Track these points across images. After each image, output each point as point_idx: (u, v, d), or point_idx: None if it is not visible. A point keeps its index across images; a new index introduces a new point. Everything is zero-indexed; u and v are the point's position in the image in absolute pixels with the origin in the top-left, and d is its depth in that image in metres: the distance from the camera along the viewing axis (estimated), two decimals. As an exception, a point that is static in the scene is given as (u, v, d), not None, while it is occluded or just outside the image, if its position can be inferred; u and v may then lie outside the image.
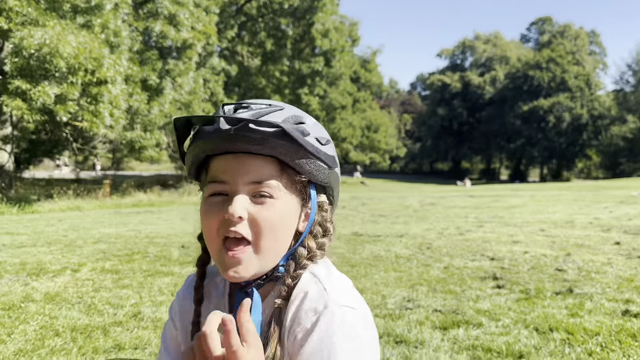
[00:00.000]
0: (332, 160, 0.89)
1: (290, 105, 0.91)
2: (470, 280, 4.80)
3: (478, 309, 3.82)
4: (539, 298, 4.13)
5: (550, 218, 10.04)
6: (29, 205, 14.80)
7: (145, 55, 18.61)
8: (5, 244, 7.46)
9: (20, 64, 12.78)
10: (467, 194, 20.64)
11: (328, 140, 0.89)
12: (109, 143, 25.10)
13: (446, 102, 56.77)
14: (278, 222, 0.84)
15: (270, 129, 0.82)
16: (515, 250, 6.35)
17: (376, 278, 4.99)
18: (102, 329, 3.53)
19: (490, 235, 7.72)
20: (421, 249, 6.66)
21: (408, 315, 3.71)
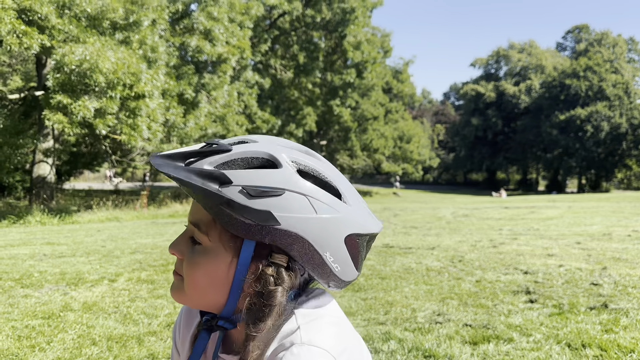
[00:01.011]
0: (263, 216, 0.76)
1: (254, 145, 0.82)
2: (502, 294, 4.74)
3: (509, 324, 3.78)
4: (572, 313, 4.06)
5: (587, 230, 9.80)
6: (69, 216, 15.29)
7: (182, 69, 19.07)
8: (46, 254, 7.73)
9: (61, 79, 13.27)
10: (501, 205, 20.30)
11: (270, 192, 0.77)
12: (147, 155, 25.72)
13: (480, 112, 56.07)
14: (199, 272, 0.83)
15: (180, 176, 0.78)
16: (549, 264, 6.23)
17: (406, 291, 4.97)
18: (137, 338, 3.63)
19: (525, 248, 7.59)
20: (453, 261, 6.60)
21: (438, 330, 3.70)
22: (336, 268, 0.82)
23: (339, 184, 0.84)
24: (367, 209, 0.88)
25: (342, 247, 0.81)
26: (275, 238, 0.78)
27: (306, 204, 0.78)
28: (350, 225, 0.81)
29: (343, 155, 39.26)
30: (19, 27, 12.47)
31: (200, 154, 0.81)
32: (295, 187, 0.78)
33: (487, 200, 29.46)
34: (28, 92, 17.35)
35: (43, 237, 10.43)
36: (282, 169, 0.79)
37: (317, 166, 0.84)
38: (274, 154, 0.80)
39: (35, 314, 4.24)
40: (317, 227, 0.79)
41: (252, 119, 25.04)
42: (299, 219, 0.78)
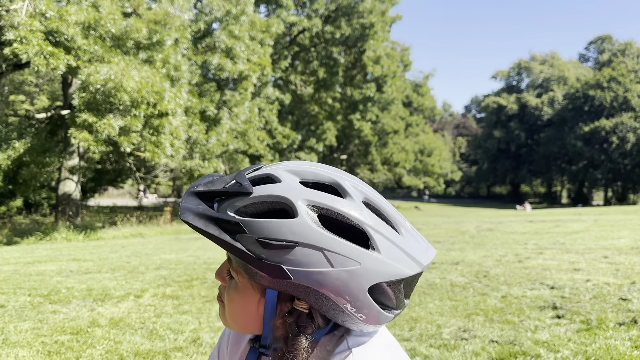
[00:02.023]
0: (274, 270, 0.76)
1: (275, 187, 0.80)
2: (528, 310, 4.67)
3: (536, 340, 3.72)
4: (600, 329, 3.98)
5: (614, 244, 9.60)
6: (94, 232, 15.54)
7: (204, 87, 19.37)
8: (72, 270, 7.86)
9: (87, 98, 13.59)
10: (526, 219, 20.02)
11: (284, 245, 0.75)
12: (170, 172, 26.11)
13: (502, 124, 55.61)
14: (233, 302, 0.87)
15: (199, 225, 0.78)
16: (576, 279, 6.12)
17: (431, 307, 4.93)
18: (164, 354, 3.67)
19: (551, 263, 7.47)
20: (478, 276, 6.53)
21: (463, 346, 3.66)
22: (360, 317, 0.79)
23: (370, 226, 0.78)
24: (410, 244, 0.82)
25: (365, 298, 0.77)
26: (289, 289, 0.78)
27: (321, 258, 0.75)
28: (375, 274, 0.77)
29: (364, 170, 39.22)
30: (46, 49, 12.83)
31: (225, 194, 0.82)
32: (309, 240, 0.75)
33: (511, 213, 29.09)
34: (54, 111, 17.80)
35: (69, 253, 10.61)
36: (298, 219, 0.75)
37: (341, 207, 0.78)
38: (292, 200, 0.77)
39: (64, 330, 4.31)
40: (334, 280, 0.76)
41: (272, 134, 25.25)
42: (312, 272, 0.75)
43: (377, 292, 0.78)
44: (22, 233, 15.16)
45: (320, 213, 0.77)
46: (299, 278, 0.75)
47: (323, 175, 0.83)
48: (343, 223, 0.77)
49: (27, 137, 15.94)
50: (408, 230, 0.83)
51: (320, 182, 0.82)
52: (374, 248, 0.76)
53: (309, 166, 0.85)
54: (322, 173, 0.83)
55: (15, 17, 12.98)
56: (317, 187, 0.81)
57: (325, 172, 0.84)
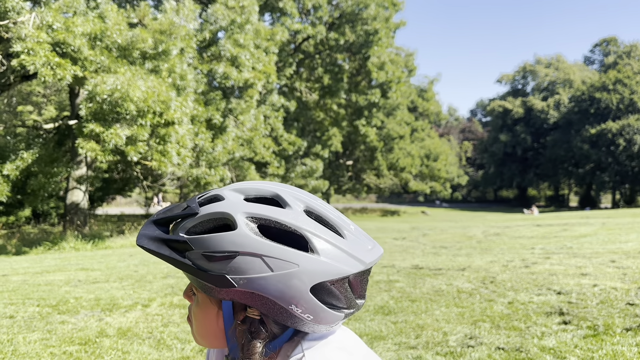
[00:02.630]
0: (219, 280, 0.81)
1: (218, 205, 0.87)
2: (535, 316, 4.66)
3: (543, 347, 3.72)
4: (607, 335, 3.97)
5: (621, 248, 9.56)
6: (102, 242, 15.62)
7: (210, 95, 19.47)
8: (81, 279, 7.91)
9: (94, 108, 13.67)
10: (533, 223, 19.94)
11: (227, 256, 0.81)
12: (177, 180, 26.21)
13: (508, 128, 55.45)
14: (195, 319, 0.93)
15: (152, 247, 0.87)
16: (583, 284, 6.11)
17: (437, 314, 4.94)
18: (171, 364, 3.69)
19: (558, 268, 7.45)
20: (484, 282, 6.52)
21: (470, 353, 3.66)
22: (308, 318, 0.84)
23: (306, 229, 0.83)
24: (352, 245, 0.86)
25: (309, 298, 0.81)
26: (236, 297, 0.83)
27: (260, 264, 0.80)
28: (315, 274, 0.81)
29: (370, 175, 39.21)
30: (53, 60, 12.95)
31: (177, 218, 0.89)
32: (249, 248, 0.80)
33: (518, 217, 28.97)
34: (62, 122, 17.93)
35: (77, 262, 10.68)
36: (237, 231, 0.81)
37: (280, 216, 0.84)
38: (232, 214, 0.83)
39: (72, 340, 4.34)
40: (275, 283, 0.80)
41: (278, 141, 25.31)
42: (254, 278, 0.80)
43: (321, 292, 0.82)
44: (31, 243, 15.27)
45: (260, 223, 0.83)
46: (243, 285, 0.81)
47: (265, 190, 0.90)
48: (282, 230, 0.83)
49: (35, 148, 16.07)
50: (352, 232, 0.88)
51: (263, 196, 0.89)
52: (312, 250, 0.81)
53: (254, 184, 0.92)
54: (264, 188, 0.91)
55: (23, 29, 13.12)
56: (260, 201, 0.88)
57: (268, 187, 0.91)
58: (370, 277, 7.08)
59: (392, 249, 11.38)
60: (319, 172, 28.25)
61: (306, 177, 27.91)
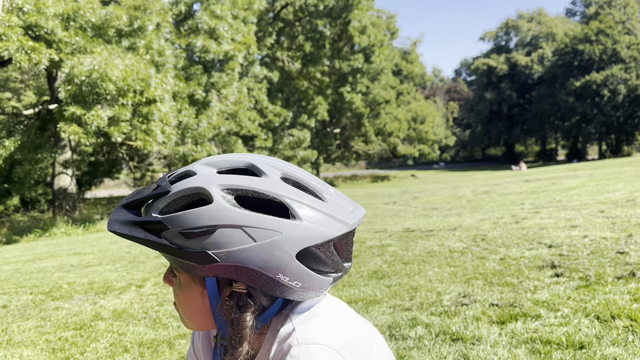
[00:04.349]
0: (201, 257, 0.79)
1: (190, 181, 0.84)
2: (527, 271, 4.70)
3: (536, 300, 3.75)
4: (599, 284, 4.01)
5: (610, 198, 9.65)
6: (93, 225, 15.54)
7: (190, 70, 19.14)
8: (73, 264, 7.87)
9: (73, 91, 13.40)
10: (522, 179, 20.08)
11: (205, 231, 0.78)
12: (164, 159, 26.00)
13: (494, 86, 55.34)
14: (181, 299, 0.90)
15: (125, 231, 0.83)
16: (573, 235, 6.16)
17: (430, 275, 4.96)
18: (168, 342, 3.69)
19: (548, 222, 7.51)
20: (476, 241, 6.56)
21: (464, 312, 3.69)
22: (297, 285, 0.82)
23: (285, 196, 0.82)
24: (333, 207, 0.84)
25: (295, 265, 0.80)
26: (220, 272, 0.81)
27: (242, 235, 0.78)
28: (299, 240, 0.79)
29: (358, 142, 39.15)
30: (27, 44, 12.60)
31: (148, 199, 0.86)
32: (228, 221, 0.78)
33: (507, 174, 29.17)
34: (42, 107, 17.60)
35: (69, 247, 10.62)
36: (214, 204, 0.79)
37: (256, 185, 0.82)
38: (206, 188, 0.81)
39: (67, 326, 4.32)
40: (259, 254, 0.78)
41: (263, 113, 25.07)
42: (237, 251, 0.78)
43: (307, 257, 0.81)
44: (21, 231, 15.13)
45: (237, 194, 0.80)
46: (226, 259, 0.79)
47: (238, 161, 0.88)
48: (260, 199, 0.81)
49: (17, 135, 15.77)
50: (332, 196, 0.87)
51: (236, 168, 0.87)
52: (294, 216, 0.79)
53: (226, 156, 0.90)
54: (238, 159, 0.88)
55: (-8, 14, 12.72)
56: (235, 173, 0.85)
57: (241, 157, 0.89)
58: (363, 242, 7.10)
59: (384, 214, 11.42)
60: (306, 142, 28.12)
61: (294, 148, 27.78)
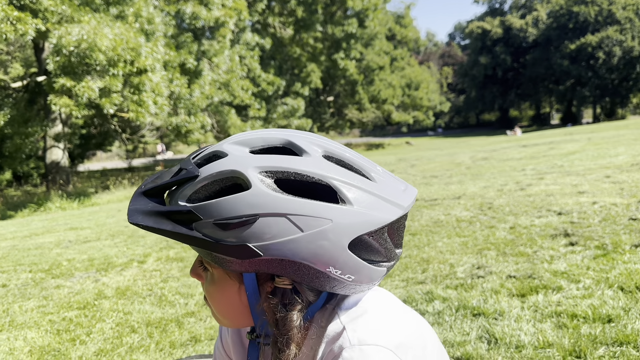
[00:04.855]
0: (241, 251, 0.70)
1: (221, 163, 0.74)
2: (540, 240, 4.60)
3: (554, 271, 3.65)
4: (617, 253, 3.91)
5: (613, 162, 9.55)
6: (88, 199, 15.34)
7: (180, 38, 18.68)
8: (71, 240, 7.73)
9: (61, 62, 13.04)
10: (519, 144, 19.98)
11: (244, 221, 0.68)
12: (156, 130, 25.62)
13: (488, 50, 54.68)
14: (213, 298, 0.82)
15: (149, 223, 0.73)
16: (582, 202, 6.06)
17: (440, 245, 4.85)
18: (176, 321, 3.57)
19: (553, 188, 7.40)
20: (482, 209, 6.45)
21: (481, 284, 3.58)
22: (349, 279, 0.73)
23: (332, 177, 0.72)
24: (384, 188, 0.75)
25: (347, 256, 0.71)
26: (261, 267, 0.72)
27: (287, 225, 0.69)
28: (352, 228, 0.70)
29: (352, 110, 38.76)
30: (12, 14, 12.16)
31: (173, 185, 0.76)
32: (269, 209, 0.68)
33: (503, 140, 29.07)
34: (30, 79, 17.17)
35: (65, 222, 10.46)
36: (252, 190, 0.69)
37: (298, 165, 0.71)
38: (241, 171, 0.71)
39: (70, 305, 4.20)
40: (307, 245, 0.69)
41: (256, 82, 24.63)
42: (282, 243, 0.69)
43: (359, 247, 0.72)
44: (16, 206, 14.90)
45: (277, 177, 0.71)
46: (269, 253, 0.70)
47: (273, 138, 0.77)
48: (304, 182, 0.71)
49: (5, 109, 15.41)
50: (380, 175, 0.78)
51: (272, 146, 0.76)
52: (344, 201, 0.71)
53: (258, 133, 0.79)
54: (272, 136, 0.77)
55: (-27, -18, 12.22)
56: (270, 152, 0.76)
57: (276, 134, 0.78)
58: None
59: (383, 182, 11.26)
60: (300, 111, 27.78)
61: (288, 117, 27.45)
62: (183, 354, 2.96)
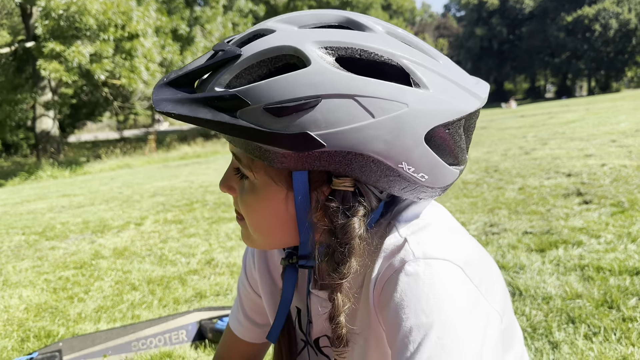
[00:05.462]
0: (298, 141, 0.57)
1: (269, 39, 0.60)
2: (552, 199, 4.46)
3: (572, 227, 3.51)
4: (635, 210, 3.78)
5: (616, 129, 9.41)
6: (80, 167, 15.09)
7: (172, 4, 18.21)
8: (64, 205, 7.54)
9: (50, 25, 12.66)
10: (516, 115, 19.83)
11: (303, 104, 0.56)
12: (147, 100, 25.19)
13: (484, 21, 54.07)
14: (251, 209, 0.69)
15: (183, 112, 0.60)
16: (591, 164, 5.92)
17: (448, 206, 4.71)
18: (179, 278, 3.42)
19: (559, 152, 7.26)
20: (488, 172, 6.31)
21: (497, 241, 3.44)
22: (422, 178, 0.62)
23: (403, 57, 0.59)
24: (457, 78, 0.63)
25: (423, 150, 0.60)
26: (323, 163, 0.60)
27: (355, 109, 0.57)
28: (430, 116, 0.59)
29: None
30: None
31: (208, 70, 0.62)
32: (334, 89, 0.56)
33: (498, 112, 28.91)
34: (18, 45, 16.68)
35: (57, 190, 10.25)
36: (312, 67, 0.57)
37: (365, 42, 0.59)
38: (297, 47, 0.58)
39: (66, 265, 4.03)
40: (379, 134, 0.58)
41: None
42: (349, 130, 0.57)
43: (434, 141, 0.61)
44: (6, 175, 14.62)
45: (339, 55, 0.58)
46: (333, 143, 0.58)
47: (328, 15, 0.64)
48: (371, 62, 0.59)
49: (-7, 75, 15.03)
50: (449, 61, 0.66)
51: (327, 24, 0.63)
52: (418, 84, 0.59)
53: (307, 12, 0.65)
54: (326, 13, 0.65)
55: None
56: None
57: (330, 11, 0.65)
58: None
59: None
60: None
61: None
62: (189, 309, 2.81)
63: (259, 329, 0.96)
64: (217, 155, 17.26)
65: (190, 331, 2.44)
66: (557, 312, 2.28)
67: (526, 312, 2.31)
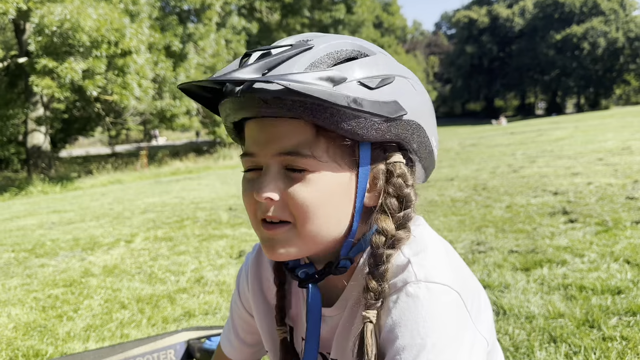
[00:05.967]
0: (392, 107, 0.65)
1: (334, 36, 0.71)
2: (538, 217, 4.53)
3: (557, 246, 3.57)
4: (618, 229, 3.85)
5: (603, 147, 9.55)
6: (71, 183, 15.03)
7: (165, 21, 18.33)
8: (54, 222, 7.51)
9: (44, 42, 12.69)
10: (506, 132, 20.02)
11: (385, 79, 0.66)
12: (139, 115, 25.21)
13: (474, 39, 54.74)
14: (318, 201, 0.68)
15: (276, 88, 0.62)
16: (577, 183, 6.01)
17: (437, 224, 4.76)
18: (168, 297, 3.43)
19: (546, 170, 7.36)
20: (476, 190, 6.38)
21: (483, 259, 3.49)
22: (436, 155, 0.78)
23: None
24: None
25: (435, 126, 0.75)
26: (399, 131, 0.68)
27: (410, 88, 0.70)
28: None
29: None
30: (-9, -9, 11.79)
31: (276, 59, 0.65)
32: (398, 71, 0.70)
33: (488, 129, 29.16)
34: (10, 60, 16.70)
35: (48, 205, 10.21)
36: (378, 55, 0.69)
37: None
38: (360, 43, 0.70)
39: (55, 283, 4.03)
40: (425, 110, 0.71)
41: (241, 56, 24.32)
42: (415, 105, 0.69)
43: None
44: (-5, 190, 14.54)
45: None
46: (410, 112, 0.68)
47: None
48: None
49: (-16, 91, 15.01)
50: None
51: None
52: None
53: None
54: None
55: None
56: None
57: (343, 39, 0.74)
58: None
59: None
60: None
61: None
62: (178, 328, 2.82)
63: (249, 349, 0.99)
64: (209, 170, 17.27)
65: (178, 351, 2.45)
66: (540, 331, 2.32)
67: (509, 332, 2.35)
